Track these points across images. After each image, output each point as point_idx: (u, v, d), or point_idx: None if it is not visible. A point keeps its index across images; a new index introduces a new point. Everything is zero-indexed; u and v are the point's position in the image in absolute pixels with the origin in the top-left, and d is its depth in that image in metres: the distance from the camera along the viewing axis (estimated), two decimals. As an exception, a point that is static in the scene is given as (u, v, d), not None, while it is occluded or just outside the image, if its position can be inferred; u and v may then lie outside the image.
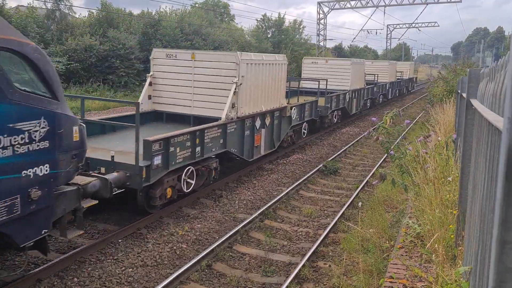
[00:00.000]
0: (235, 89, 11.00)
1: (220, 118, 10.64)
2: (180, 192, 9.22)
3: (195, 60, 11.79)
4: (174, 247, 7.57)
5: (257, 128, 12.29)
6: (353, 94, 22.15)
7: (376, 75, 28.62)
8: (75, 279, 6.37)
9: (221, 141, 10.46)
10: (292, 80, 19.52)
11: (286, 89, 14.47)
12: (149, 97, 12.33)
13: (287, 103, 14.28)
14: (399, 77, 36.26)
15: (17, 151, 4.89)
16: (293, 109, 14.53)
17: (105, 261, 6.97)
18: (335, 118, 20.33)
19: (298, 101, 15.74)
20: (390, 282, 4.75)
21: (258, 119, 12.31)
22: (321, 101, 17.80)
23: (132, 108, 21.47)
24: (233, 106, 10.96)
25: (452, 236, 4.96)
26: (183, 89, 11.96)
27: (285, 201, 10.16)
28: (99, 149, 8.67)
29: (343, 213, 9.25)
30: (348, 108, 21.61)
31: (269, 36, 44.97)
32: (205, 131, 9.70)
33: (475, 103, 3.71)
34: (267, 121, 12.97)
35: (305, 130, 16.63)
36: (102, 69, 26.99)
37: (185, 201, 9.56)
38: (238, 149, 11.39)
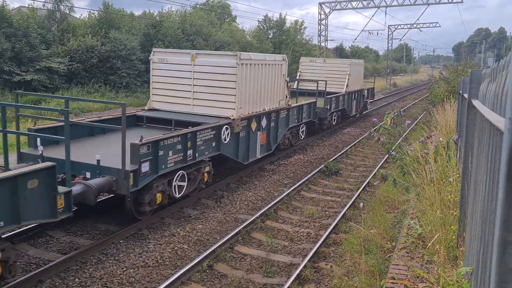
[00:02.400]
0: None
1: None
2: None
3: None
4: (176, 248, 7.58)
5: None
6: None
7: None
8: (77, 279, 6.38)
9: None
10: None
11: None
12: None
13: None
14: (315, 92, 18.10)
15: None
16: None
17: (106, 261, 6.98)
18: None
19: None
20: (392, 283, 4.75)
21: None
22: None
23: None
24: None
25: (453, 237, 4.95)
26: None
27: (286, 202, 10.16)
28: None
29: (344, 214, 9.24)
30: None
31: (270, 37, 44.99)
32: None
33: (477, 103, 3.70)
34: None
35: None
36: (104, 69, 27.02)
37: (186, 202, 9.57)
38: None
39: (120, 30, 28.52)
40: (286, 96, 13.61)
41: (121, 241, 7.66)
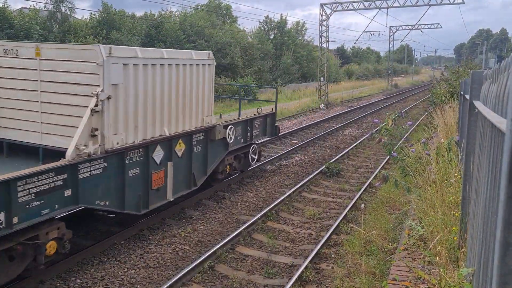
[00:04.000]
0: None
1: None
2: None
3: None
4: (177, 249, 7.58)
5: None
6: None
7: None
8: (78, 280, 6.38)
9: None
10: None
11: None
12: None
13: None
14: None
15: None
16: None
17: (107, 262, 6.98)
18: None
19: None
20: (393, 284, 4.74)
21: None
22: None
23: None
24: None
25: (455, 238, 4.95)
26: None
27: (287, 203, 10.15)
28: None
29: (345, 215, 9.23)
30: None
31: (271, 38, 44.98)
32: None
33: (478, 104, 3.70)
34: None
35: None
36: (105, 70, 27.05)
37: (187, 203, 9.57)
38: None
39: (121, 31, 28.59)
40: None
41: (122, 242, 7.67)
